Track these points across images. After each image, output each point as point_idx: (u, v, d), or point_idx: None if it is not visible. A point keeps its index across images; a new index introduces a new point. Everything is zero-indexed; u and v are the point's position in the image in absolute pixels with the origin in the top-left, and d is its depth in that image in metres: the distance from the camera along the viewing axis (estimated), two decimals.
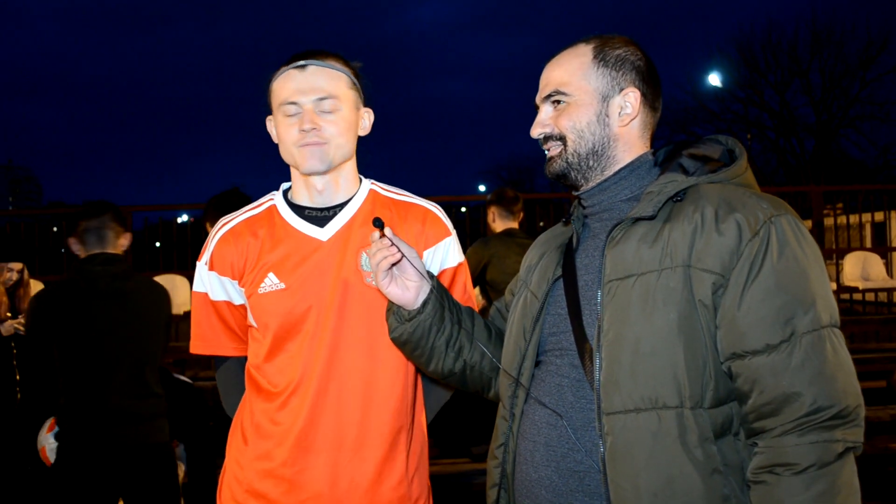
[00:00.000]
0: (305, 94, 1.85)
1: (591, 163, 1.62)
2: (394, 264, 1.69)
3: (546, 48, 1.70)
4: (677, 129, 26.99)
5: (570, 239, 1.70)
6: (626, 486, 1.42)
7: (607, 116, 1.61)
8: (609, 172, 1.62)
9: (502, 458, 1.67)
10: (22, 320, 4.30)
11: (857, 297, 10.26)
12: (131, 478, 3.17)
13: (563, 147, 1.63)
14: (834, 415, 1.35)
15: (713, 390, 1.42)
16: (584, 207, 1.69)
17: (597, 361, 1.48)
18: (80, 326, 3.14)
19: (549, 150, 1.66)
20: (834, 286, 9.20)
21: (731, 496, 1.40)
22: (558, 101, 1.63)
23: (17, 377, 4.33)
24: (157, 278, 7.75)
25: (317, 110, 1.86)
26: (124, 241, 3.32)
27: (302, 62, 1.87)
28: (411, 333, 1.72)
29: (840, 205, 12.19)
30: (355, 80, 1.95)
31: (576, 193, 1.68)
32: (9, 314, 4.44)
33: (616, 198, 1.62)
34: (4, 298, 4.41)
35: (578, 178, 1.64)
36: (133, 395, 3.18)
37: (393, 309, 1.76)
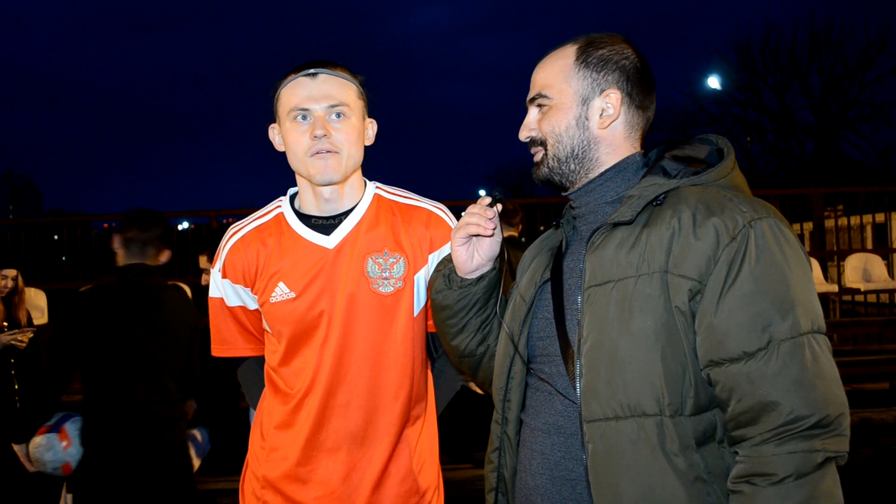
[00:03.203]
0: (317, 100, 1.87)
1: (572, 166, 1.60)
2: (479, 235, 1.68)
3: (546, 51, 1.69)
4: (677, 133, 26.97)
5: (562, 242, 1.69)
6: (608, 495, 1.40)
7: (587, 119, 1.58)
8: (594, 174, 1.60)
9: (497, 462, 1.67)
10: (18, 334, 4.29)
11: (859, 298, 10.26)
12: (151, 476, 3.24)
13: (544, 152, 1.62)
14: (813, 424, 1.31)
15: (693, 398, 1.39)
16: (573, 209, 1.67)
17: (577, 368, 1.46)
18: (113, 332, 3.22)
19: (534, 154, 1.65)
20: (835, 288, 9.19)
21: None
22: (542, 105, 1.62)
23: (16, 386, 4.32)
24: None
25: (328, 117, 1.88)
26: (163, 258, 3.44)
27: (312, 70, 1.89)
28: (456, 301, 1.72)
29: (840, 207, 12.20)
30: (362, 90, 1.97)
31: (564, 195, 1.67)
32: (5, 323, 4.43)
33: (601, 200, 1.60)
34: (0, 306, 4.41)
35: (563, 181, 1.63)
36: (155, 399, 3.29)
37: (444, 272, 1.76)
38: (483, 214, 1.65)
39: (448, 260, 1.77)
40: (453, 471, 5.29)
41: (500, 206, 1.67)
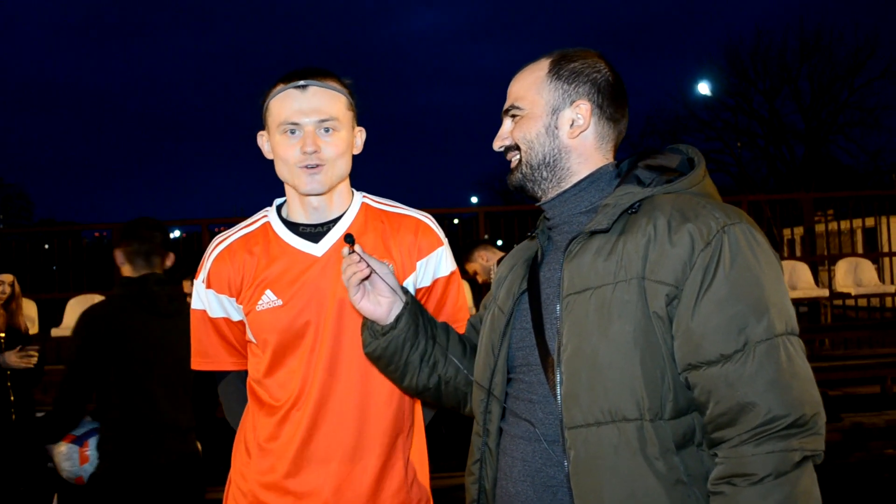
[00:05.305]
0: (307, 115, 1.87)
1: (544, 174, 1.63)
2: (365, 279, 1.70)
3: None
4: (668, 139, 27.05)
5: (537, 252, 1.71)
6: (591, 500, 1.42)
7: (556, 129, 1.62)
8: (566, 184, 1.63)
9: (479, 473, 1.68)
10: (25, 357, 4.24)
11: (850, 303, 10.30)
12: (168, 487, 3.24)
13: (519, 157, 1.65)
14: (790, 424, 1.34)
15: (672, 401, 1.41)
16: (547, 220, 1.70)
17: (558, 376, 1.48)
18: (139, 341, 3.23)
19: (510, 160, 1.69)
20: (826, 292, 9.24)
21: None
22: (515, 115, 1.66)
23: (12, 398, 4.31)
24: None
25: (318, 131, 1.88)
26: (169, 262, 3.46)
27: (302, 82, 1.88)
28: (385, 349, 1.72)
29: (831, 211, 12.27)
30: (352, 101, 1.97)
31: (537, 205, 1.70)
32: (2, 334, 4.41)
33: (575, 210, 1.63)
34: (2, 313, 4.40)
35: (535, 189, 1.66)
36: (177, 409, 3.32)
37: (367, 324, 1.76)
38: (350, 261, 1.68)
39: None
40: (444, 479, 5.29)
41: (357, 246, 1.70)
